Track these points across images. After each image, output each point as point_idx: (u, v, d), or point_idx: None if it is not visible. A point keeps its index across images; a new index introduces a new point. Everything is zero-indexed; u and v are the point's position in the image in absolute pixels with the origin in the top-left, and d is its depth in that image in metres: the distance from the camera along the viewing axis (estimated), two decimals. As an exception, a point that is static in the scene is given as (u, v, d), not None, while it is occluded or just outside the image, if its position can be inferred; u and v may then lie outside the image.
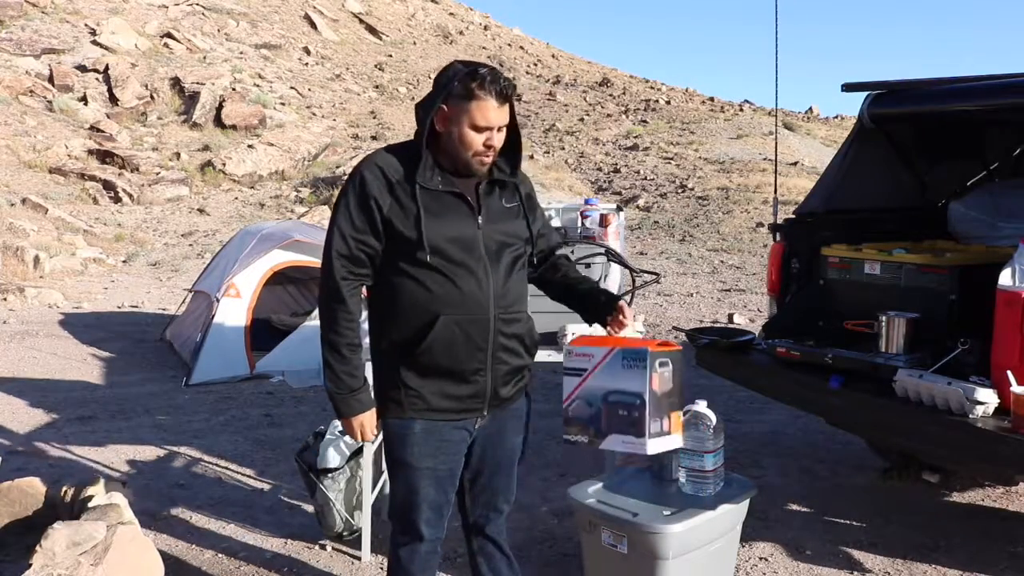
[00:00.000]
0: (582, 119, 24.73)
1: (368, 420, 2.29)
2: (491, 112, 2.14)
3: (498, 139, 2.19)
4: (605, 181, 18.49)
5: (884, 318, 3.44)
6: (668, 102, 27.56)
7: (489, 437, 2.39)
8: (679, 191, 16.78)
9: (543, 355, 3.36)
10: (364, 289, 2.31)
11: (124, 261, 12.48)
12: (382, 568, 3.40)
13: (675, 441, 2.39)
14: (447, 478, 2.33)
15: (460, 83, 2.14)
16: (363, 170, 2.21)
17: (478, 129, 2.16)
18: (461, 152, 2.19)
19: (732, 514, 2.74)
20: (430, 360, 2.21)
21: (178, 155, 17.35)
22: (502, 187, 2.32)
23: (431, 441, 2.26)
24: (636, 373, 2.28)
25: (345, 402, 2.26)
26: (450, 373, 2.23)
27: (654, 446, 2.28)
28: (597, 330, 2.55)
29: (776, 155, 4.76)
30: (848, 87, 4.16)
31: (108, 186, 15.53)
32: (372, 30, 30.19)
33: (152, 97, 19.43)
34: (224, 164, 16.95)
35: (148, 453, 4.85)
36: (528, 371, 2.44)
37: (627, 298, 3.59)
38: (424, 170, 2.18)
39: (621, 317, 2.37)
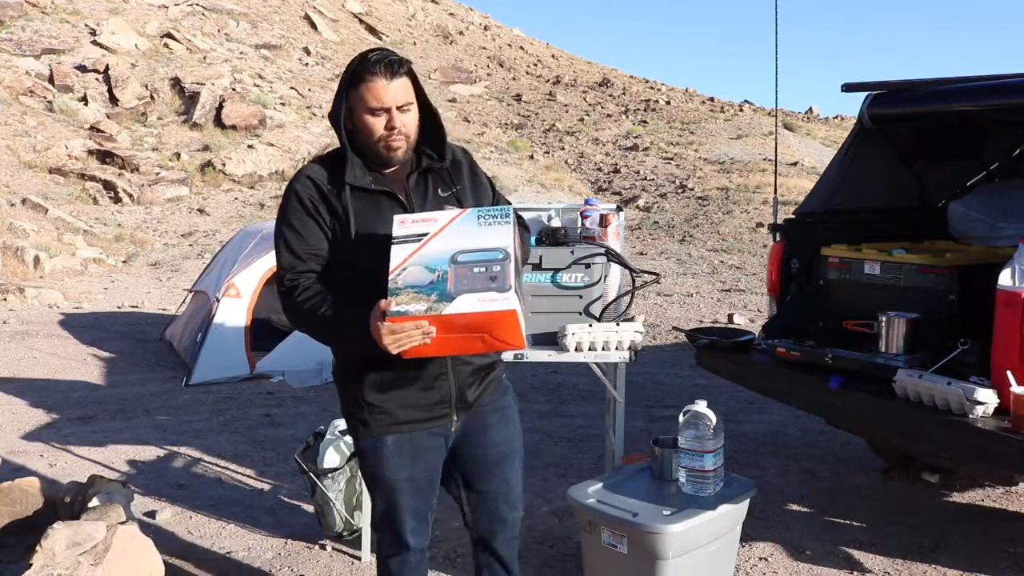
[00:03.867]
0: (582, 119, 24.73)
1: (373, 320, 1.95)
2: (382, 91, 2.03)
3: (401, 120, 2.06)
4: (605, 181, 18.49)
5: (884, 318, 3.44)
6: (668, 102, 27.57)
7: (469, 436, 2.25)
8: (679, 191, 16.78)
9: (543, 355, 3.37)
10: None
11: (124, 261, 12.48)
12: (382, 568, 3.40)
13: (524, 327, 1.95)
14: (426, 485, 2.24)
15: (349, 71, 2.08)
16: (295, 185, 2.12)
17: (373, 112, 2.05)
18: (369, 143, 2.08)
19: (732, 514, 2.74)
20: (387, 373, 2.11)
21: (178, 155, 17.35)
22: (434, 175, 2.19)
23: (406, 452, 2.18)
24: (498, 228, 1.96)
25: (355, 330, 1.97)
26: (410, 381, 2.12)
27: (517, 303, 1.89)
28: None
29: (776, 155, 4.75)
30: (848, 87, 4.16)
31: (108, 186, 15.53)
32: (372, 30, 30.19)
33: (152, 97, 19.43)
34: (224, 164, 16.95)
35: (148, 453, 4.85)
36: (496, 367, 2.30)
37: (627, 298, 3.59)
38: (352, 169, 2.09)
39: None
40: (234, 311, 6.58)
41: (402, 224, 2.00)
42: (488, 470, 2.29)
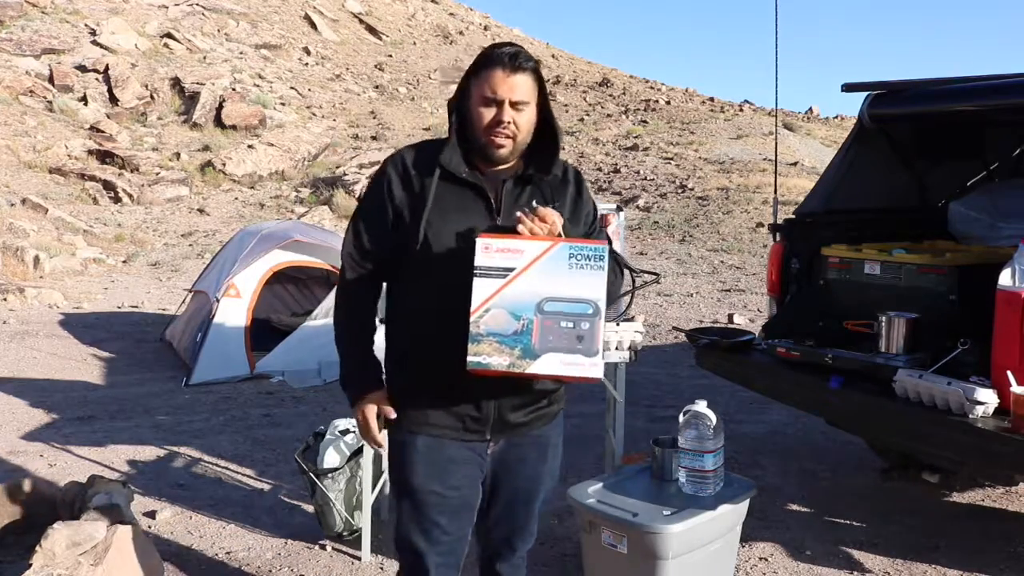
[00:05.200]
0: (582, 119, 24.73)
1: (368, 411, 2.04)
2: (499, 81, 1.94)
3: (512, 116, 1.96)
4: (605, 181, 18.49)
5: (884, 318, 3.44)
6: (668, 102, 27.57)
7: (504, 463, 2.11)
8: (679, 191, 16.78)
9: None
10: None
11: (124, 261, 12.47)
12: (382, 568, 3.40)
13: (598, 371, 1.81)
14: (461, 508, 2.07)
15: (479, 58, 2.02)
16: (386, 165, 2.07)
17: (486, 101, 1.96)
18: (475, 133, 1.99)
19: (732, 514, 2.74)
20: (426, 372, 2.02)
21: (178, 155, 17.35)
22: (534, 186, 2.06)
23: (434, 461, 2.03)
24: (590, 275, 1.78)
25: (347, 387, 2.10)
26: (449, 387, 1.98)
27: (602, 368, 1.79)
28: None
29: (776, 155, 4.76)
30: (848, 87, 4.16)
31: (108, 186, 15.54)
32: (372, 30, 30.18)
33: (152, 97, 19.44)
34: (224, 164, 16.95)
35: (148, 453, 4.85)
36: (553, 400, 2.14)
37: (627, 299, 3.59)
38: (450, 153, 1.99)
39: (539, 212, 1.92)
40: (234, 311, 6.58)
41: (486, 251, 1.80)
42: (512, 502, 2.17)
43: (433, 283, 1.96)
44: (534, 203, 1.96)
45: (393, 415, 2.03)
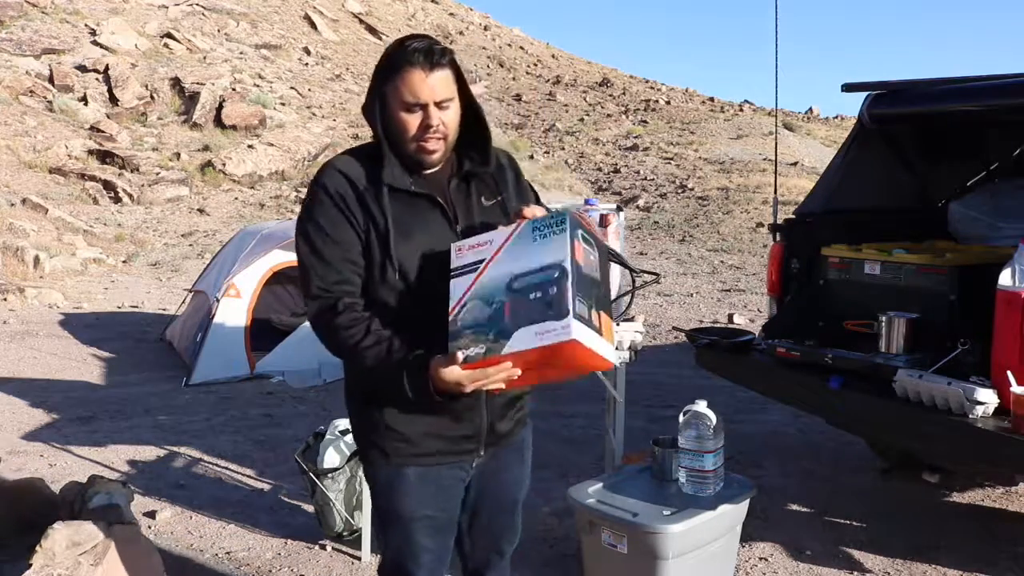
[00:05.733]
0: (582, 119, 24.74)
1: (442, 367, 1.69)
2: (419, 84, 1.78)
3: (439, 118, 1.82)
4: (605, 181, 18.50)
5: (884, 318, 3.44)
6: (668, 102, 27.58)
7: (487, 475, 2.05)
8: (679, 191, 16.79)
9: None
10: None
11: (124, 261, 12.48)
12: (382, 568, 3.40)
13: (606, 347, 1.71)
14: (447, 526, 2.02)
15: (384, 59, 1.84)
16: (323, 180, 1.85)
17: (408, 108, 1.80)
18: (402, 142, 1.84)
19: (732, 514, 2.74)
20: (412, 402, 1.82)
21: (178, 155, 17.35)
22: (478, 181, 1.95)
23: (426, 489, 1.94)
24: (553, 241, 1.70)
25: (413, 381, 1.75)
26: (440, 409, 1.83)
27: (580, 330, 1.61)
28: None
29: (776, 155, 4.75)
30: (848, 87, 4.16)
31: (108, 186, 15.54)
32: (372, 30, 30.19)
33: (152, 97, 19.44)
34: (224, 164, 16.95)
35: (148, 453, 4.85)
36: (527, 397, 2.11)
37: (626, 299, 3.59)
38: (391, 168, 1.84)
39: (525, 213, 1.80)
40: (234, 311, 6.58)
41: (459, 253, 1.77)
42: (497, 510, 2.12)
43: (410, 305, 1.81)
44: (483, 200, 1.91)
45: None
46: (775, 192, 4.38)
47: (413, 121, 1.82)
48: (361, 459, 2.02)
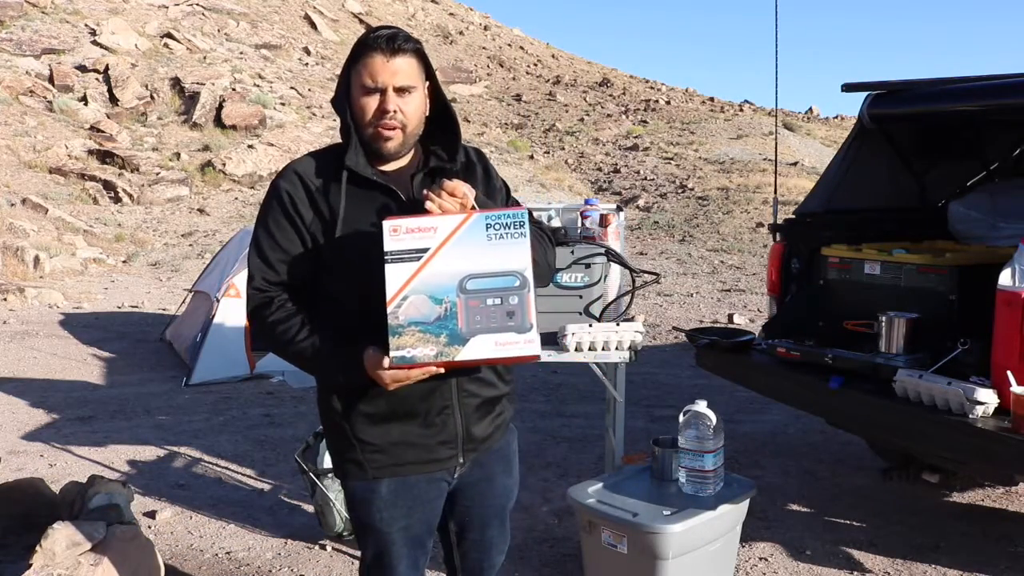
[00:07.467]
0: (582, 119, 24.75)
1: (372, 364, 1.72)
2: (379, 67, 1.77)
3: (397, 103, 1.79)
4: (605, 181, 18.50)
5: (884, 318, 3.44)
6: (668, 102, 27.59)
7: (473, 485, 2.01)
8: (679, 191, 16.79)
9: (543, 355, 3.36)
10: None
11: (124, 261, 12.48)
12: (382, 568, 3.40)
13: (535, 347, 1.63)
14: (424, 533, 1.98)
15: (354, 47, 1.84)
16: (279, 180, 1.87)
17: (367, 91, 1.79)
18: (360, 127, 1.82)
19: (732, 514, 2.74)
20: (381, 404, 1.83)
21: (178, 155, 17.36)
22: (445, 175, 1.88)
23: (402, 501, 1.91)
24: (512, 244, 1.63)
25: (344, 371, 1.79)
26: (409, 415, 1.83)
27: (538, 343, 1.61)
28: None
29: (776, 155, 4.75)
30: (848, 87, 4.16)
31: (108, 186, 15.54)
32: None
33: (152, 97, 19.44)
34: (224, 164, 16.95)
35: (148, 453, 4.85)
36: (507, 400, 2.02)
37: (627, 298, 3.59)
38: (355, 154, 1.82)
39: (447, 186, 1.75)
40: (234, 311, 6.58)
41: (395, 234, 1.65)
42: (487, 521, 2.08)
43: (368, 303, 1.73)
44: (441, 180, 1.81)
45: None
46: (775, 192, 4.38)
47: (371, 104, 1.80)
48: (336, 473, 1.99)
